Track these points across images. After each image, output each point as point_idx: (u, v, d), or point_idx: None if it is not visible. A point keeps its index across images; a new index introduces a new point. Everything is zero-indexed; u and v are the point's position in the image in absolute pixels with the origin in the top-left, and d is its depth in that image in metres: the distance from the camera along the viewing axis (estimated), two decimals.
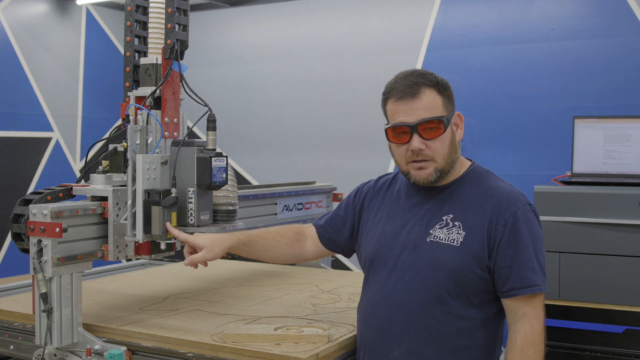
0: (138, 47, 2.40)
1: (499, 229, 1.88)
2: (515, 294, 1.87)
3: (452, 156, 1.95)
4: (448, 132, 1.93)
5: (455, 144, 1.96)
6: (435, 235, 1.93)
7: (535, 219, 1.93)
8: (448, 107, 1.96)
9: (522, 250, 1.87)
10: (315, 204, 3.39)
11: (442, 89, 1.95)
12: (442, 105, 1.94)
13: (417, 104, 1.92)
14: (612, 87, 3.78)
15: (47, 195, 2.17)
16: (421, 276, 1.93)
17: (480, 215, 1.91)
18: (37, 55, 4.68)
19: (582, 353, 3.03)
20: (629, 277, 2.97)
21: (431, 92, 1.93)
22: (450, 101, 1.97)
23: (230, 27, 5.14)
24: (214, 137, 2.24)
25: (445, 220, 1.94)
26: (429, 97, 1.92)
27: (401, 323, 1.94)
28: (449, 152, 1.94)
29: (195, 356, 2.01)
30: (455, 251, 1.90)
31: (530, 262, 1.87)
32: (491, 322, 1.95)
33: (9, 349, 2.30)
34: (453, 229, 1.92)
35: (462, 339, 1.91)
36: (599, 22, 3.84)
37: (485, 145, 4.05)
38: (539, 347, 1.85)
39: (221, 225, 2.33)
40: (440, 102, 1.94)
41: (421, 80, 1.93)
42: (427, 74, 1.97)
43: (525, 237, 1.87)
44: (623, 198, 2.98)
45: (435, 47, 4.28)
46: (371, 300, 2.04)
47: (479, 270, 1.89)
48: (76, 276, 2.12)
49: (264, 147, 4.99)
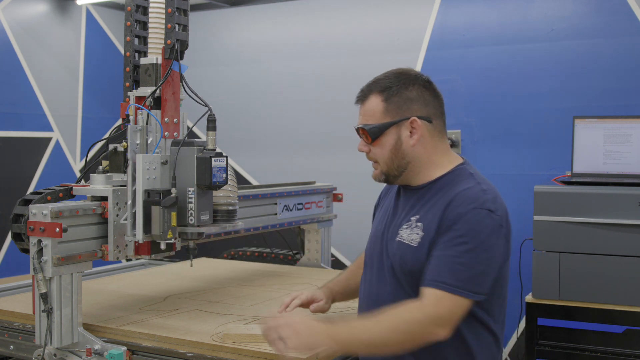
0: (138, 47, 2.40)
1: (444, 224, 1.85)
2: (425, 284, 1.83)
3: (395, 162, 1.97)
4: (389, 138, 1.96)
5: (400, 150, 1.96)
6: (401, 235, 1.96)
7: (488, 224, 1.83)
8: (393, 114, 1.96)
9: (451, 246, 1.82)
10: (315, 204, 3.39)
11: (389, 96, 1.96)
12: (382, 113, 1.96)
13: (362, 110, 2.02)
14: (612, 87, 3.77)
15: (47, 195, 2.17)
16: (390, 275, 1.98)
17: (436, 215, 1.90)
18: (37, 55, 4.68)
19: (582, 353, 3.04)
20: (629, 277, 2.97)
21: (376, 98, 1.98)
22: (400, 107, 1.96)
23: (230, 27, 5.13)
24: (214, 137, 2.24)
25: (412, 221, 1.96)
26: (371, 104, 1.99)
27: None
28: (390, 158, 1.97)
29: (195, 356, 2.01)
30: (412, 251, 1.91)
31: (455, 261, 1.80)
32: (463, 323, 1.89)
33: (9, 349, 2.30)
34: (415, 229, 1.93)
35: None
36: (599, 22, 3.84)
37: (485, 145, 4.05)
38: (405, 317, 1.79)
39: (221, 225, 2.33)
40: (381, 109, 1.96)
41: (372, 87, 2.00)
42: (388, 77, 2.00)
43: (461, 236, 1.82)
44: (623, 198, 2.98)
45: (435, 47, 4.27)
46: (360, 297, 2.11)
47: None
48: (76, 276, 2.12)
49: (264, 147, 4.99)
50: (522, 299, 3.37)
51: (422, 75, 2.03)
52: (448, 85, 4.21)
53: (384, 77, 2.01)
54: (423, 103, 1.98)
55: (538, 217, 3.11)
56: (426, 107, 1.98)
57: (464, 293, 1.79)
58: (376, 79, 2.02)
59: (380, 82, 2.00)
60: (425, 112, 1.97)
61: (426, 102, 1.98)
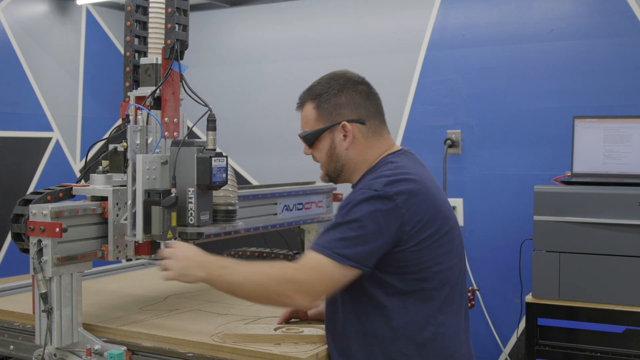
0: (138, 47, 2.40)
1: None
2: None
3: (332, 165, 2.07)
4: (324, 143, 2.05)
5: (334, 154, 2.05)
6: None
7: (367, 197, 1.85)
8: (325, 120, 2.05)
9: (332, 222, 1.90)
10: (315, 204, 3.38)
11: (320, 102, 2.06)
12: (315, 119, 2.06)
13: (301, 117, 2.14)
14: (612, 87, 3.77)
15: (47, 195, 2.17)
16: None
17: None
18: (37, 55, 4.68)
19: (582, 353, 3.04)
20: (629, 277, 2.98)
21: (309, 106, 2.09)
22: (331, 113, 2.04)
23: (230, 27, 5.13)
24: (214, 137, 2.24)
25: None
26: (306, 111, 2.10)
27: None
28: (327, 161, 2.08)
29: (195, 356, 2.01)
30: None
31: (329, 228, 1.88)
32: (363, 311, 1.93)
33: (9, 349, 2.30)
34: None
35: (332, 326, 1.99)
36: (599, 22, 3.84)
37: (485, 145, 4.05)
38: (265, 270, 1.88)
39: (221, 225, 2.33)
40: (314, 116, 2.07)
41: (307, 94, 2.11)
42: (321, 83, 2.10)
43: (339, 211, 1.90)
44: (623, 198, 2.98)
45: (435, 47, 4.27)
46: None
47: None
48: (76, 276, 2.12)
49: (264, 147, 4.98)
50: (522, 299, 3.37)
51: (355, 77, 2.11)
52: (448, 85, 4.21)
53: (317, 84, 2.11)
54: (353, 106, 2.05)
55: (538, 217, 3.11)
56: (357, 109, 2.05)
57: (327, 252, 1.82)
58: (311, 86, 2.13)
59: (313, 89, 2.10)
60: (356, 114, 2.04)
61: (357, 105, 2.05)
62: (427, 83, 4.25)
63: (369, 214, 1.84)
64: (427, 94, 4.24)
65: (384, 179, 1.89)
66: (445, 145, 4.09)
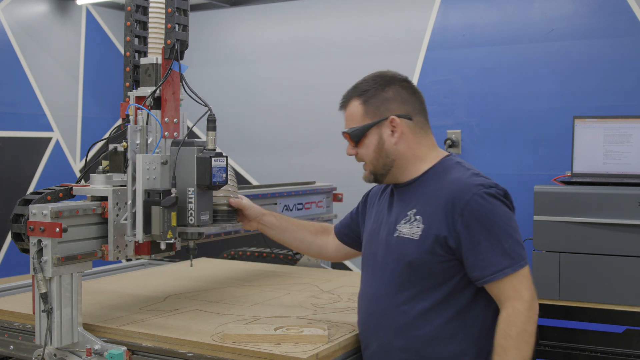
0: (138, 47, 2.39)
1: (456, 221, 1.91)
2: (484, 282, 1.90)
3: (380, 161, 2.06)
4: (372, 139, 2.05)
5: (383, 149, 2.04)
6: (400, 231, 2.01)
7: (493, 199, 1.91)
8: (372, 115, 2.04)
9: (483, 238, 1.88)
10: (315, 204, 3.39)
11: (367, 98, 2.06)
12: (362, 115, 2.05)
13: (345, 115, 2.11)
14: (612, 87, 3.77)
15: (47, 195, 2.16)
16: (389, 271, 2.01)
17: (437, 207, 1.95)
18: (37, 55, 4.68)
19: (582, 353, 3.03)
20: (629, 277, 2.97)
21: (354, 102, 2.08)
22: (379, 108, 2.05)
23: (230, 27, 5.13)
24: (214, 137, 2.24)
25: (409, 216, 2.01)
26: (351, 108, 2.08)
27: (376, 317, 2.03)
28: (375, 158, 2.06)
29: (195, 356, 2.01)
30: (414, 244, 1.96)
31: (495, 246, 1.88)
32: (467, 312, 1.95)
33: (9, 349, 2.30)
34: (414, 222, 1.98)
35: (429, 329, 1.94)
36: (599, 22, 3.84)
37: (485, 145, 4.05)
38: (521, 327, 1.86)
39: (221, 225, 2.33)
40: (361, 112, 2.06)
41: (352, 93, 2.10)
42: (366, 81, 2.10)
43: (483, 224, 1.89)
44: (623, 198, 2.98)
45: (435, 47, 4.27)
46: (359, 297, 2.15)
47: (439, 260, 1.93)
48: (76, 276, 2.12)
49: (264, 147, 4.99)
50: None
51: (399, 75, 2.11)
52: (448, 85, 4.22)
53: (362, 82, 2.10)
54: (401, 102, 2.05)
55: (538, 217, 3.11)
56: (404, 105, 2.06)
57: (516, 267, 1.88)
58: (355, 85, 2.12)
59: (358, 87, 2.09)
60: (403, 110, 2.05)
61: (404, 101, 2.06)
62: (427, 83, 4.26)
63: (508, 212, 1.93)
64: (427, 94, 4.18)
65: (488, 180, 1.96)
66: (445, 145, 4.09)
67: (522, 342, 1.86)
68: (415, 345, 1.96)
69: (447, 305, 1.95)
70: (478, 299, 1.96)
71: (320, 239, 2.43)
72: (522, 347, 1.85)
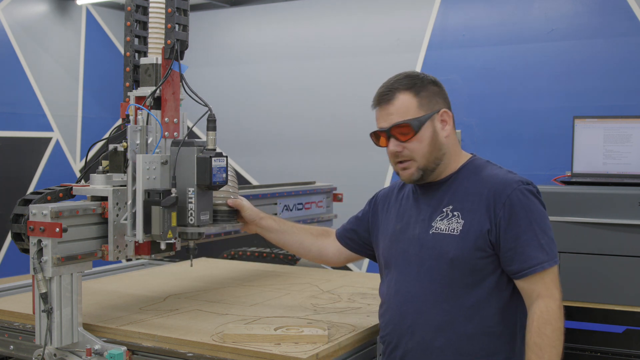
0: (138, 47, 2.39)
1: (498, 214, 1.92)
2: (521, 275, 1.91)
3: (434, 154, 2.01)
4: (426, 131, 2.00)
5: (437, 142, 2.02)
6: (437, 227, 1.99)
7: (532, 196, 1.95)
8: (426, 108, 2.01)
9: (522, 232, 1.90)
10: (315, 204, 3.38)
11: (418, 91, 2.02)
12: (417, 107, 2.01)
13: (391, 109, 2.02)
14: (612, 87, 3.77)
15: (47, 195, 2.16)
16: (426, 268, 1.99)
17: (477, 203, 1.96)
18: (37, 55, 4.68)
19: (582, 353, 3.03)
20: (629, 277, 2.97)
21: (405, 95, 2.01)
22: (430, 101, 2.02)
23: (230, 27, 5.13)
24: (214, 137, 2.24)
25: (446, 212, 2.00)
26: (402, 100, 2.01)
27: (411, 315, 2.00)
28: (429, 151, 2.01)
29: (195, 356, 2.01)
30: (455, 240, 1.95)
31: (533, 240, 1.90)
32: (506, 309, 1.96)
33: (9, 349, 2.30)
34: (453, 218, 1.98)
35: (470, 327, 1.94)
36: (599, 22, 3.84)
37: (485, 145, 4.05)
38: (555, 325, 1.89)
39: (221, 225, 2.33)
40: (415, 104, 2.01)
41: (396, 86, 2.03)
42: (405, 77, 2.05)
43: (523, 218, 1.91)
44: (623, 198, 2.98)
45: (435, 47, 4.27)
46: (386, 296, 2.10)
47: (481, 256, 1.93)
48: (76, 276, 2.12)
49: (264, 147, 4.99)
50: None
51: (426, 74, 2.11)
52: (448, 85, 4.19)
53: (402, 78, 2.05)
54: (443, 96, 2.07)
55: None
56: (445, 100, 2.07)
57: (552, 262, 1.92)
58: (393, 81, 2.05)
59: (401, 81, 2.04)
60: (447, 104, 2.07)
61: (445, 96, 2.08)
62: None
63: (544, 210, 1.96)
64: None
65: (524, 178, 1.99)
66: None
67: (557, 340, 1.89)
68: (455, 343, 1.95)
69: (488, 303, 1.95)
70: (515, 296, 1.97)
71: (320, 242, 2.38)
72: (557, 345, 1.89)
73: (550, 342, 1.87)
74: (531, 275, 1.90)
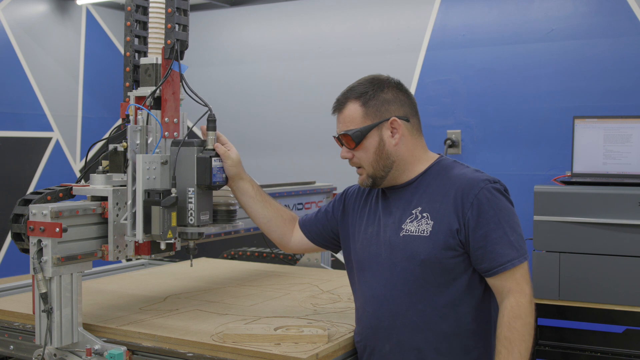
0: (138, 47, 2.39)
1: (466, 214, 1.94)
2: (492, 273, 1.93)
3: (381, 163, 2.05)
4: (371, 140, 2.04)
5: (384, 151, 2.04)
6: (407, 229, 2.01)
7: (499, 194, 1.97)
8: (372, 117, 2.04)
9: (491, 230, 1.92)
10: (315, 204, 3.39)
11: (366, 100, 2.05)
12: (362, 117, 2.04)
13: (340, 118, 2.09)
14: (612, 87, 3.77)
15: (47, 195, 2.16)
16: (399, 270, 2.01)
17: (446, 204, 1.98)
18: (37, 55, 4.69)
19: (582, 353, 3.03)
20: (629, 277, 2.97)
21: (353, 105, 2.06)
22: (378, 110, 2.04)
23: (230, 27, 5.14)
24: (214, 137, 2.25)
25: (415, 214, 2.02)
26: (349, 110, 2.06)
27: (388, 318, 2.02)
28: (375, 159, 2.05)
29: (195, 356, 2.01)
30: (425, 241, 1.97)
31: (502, 238, 1.92)
32: (479, 306, 1.99)
33: (9, 349, 2.30)
34: (422, 220, 2.00)
35: (446, 326, 1.97)
36: (599, 22, 3.84)
37: (485, 145, 4.05)
38: (526, 319, 1.91)
39: (221, 225, 2.33)
40: (360, 114, 2.05)
41: (348, 95, 2.08)
42: (361, 84, 2.08)
43: (491, 217, 1.93)
44: (623, 198, 2.98)
45: (435, 47, 4.27)
46: (361, 300, 2.13)
47: (452, 255, 1.95)
48: (76, 276, 2.12)
49: (264, 147, 4.99)
50: None
51: (394, 79, 2.12)
52: (448, 85, 4.22)
53: (358, 84, 2.09)
54: (399, 103, 2.07)
55: (538, 217, 3.11)
56: (402, 107, 2.07)
57: (522, 259, 1.93)
58: (351, 87, 2.10)
59: (355, 89, 2.08)
60: (402, 111, 2.06)
61: (402, 103, 2.07)
62: (427, 83, 4.26)
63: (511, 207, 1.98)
64: (427, 94, 4.24)
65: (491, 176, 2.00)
66: (445, 145, 4.09)
67: (527, 335, 1.91)
68: (433, 343, 1.97)
69: (462, 302, 1.98)
70: (487, 294, 2.00)
71: (287, 227, 2.34)
72: (527, 339, 1.91)
73: (520, 336, 1.90)
74: (502, 273, 1.92)
